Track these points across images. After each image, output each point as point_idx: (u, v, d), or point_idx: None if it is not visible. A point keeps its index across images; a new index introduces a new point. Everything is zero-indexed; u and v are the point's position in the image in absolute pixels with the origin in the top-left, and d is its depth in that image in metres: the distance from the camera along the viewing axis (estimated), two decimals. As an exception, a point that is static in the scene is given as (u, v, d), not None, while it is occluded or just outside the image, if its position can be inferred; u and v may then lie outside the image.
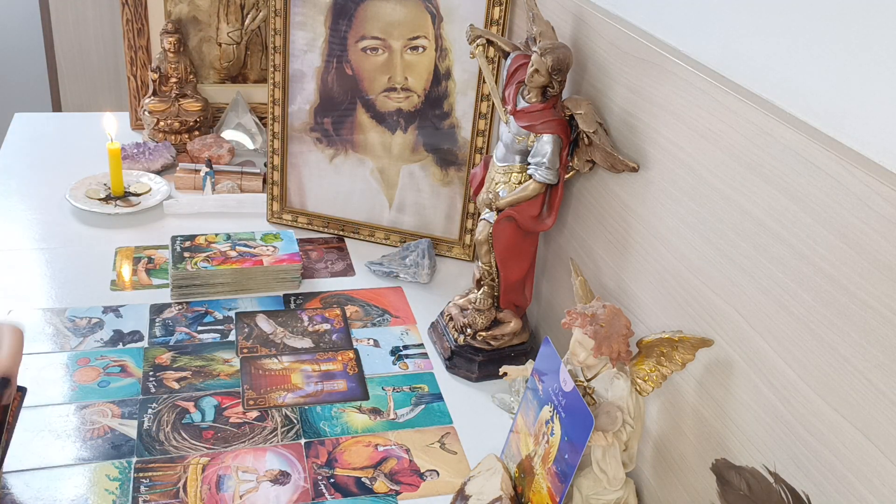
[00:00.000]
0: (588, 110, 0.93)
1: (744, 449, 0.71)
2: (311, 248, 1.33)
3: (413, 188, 1.32)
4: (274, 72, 1.29)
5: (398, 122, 1.29)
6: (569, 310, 0.77)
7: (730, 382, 0.72)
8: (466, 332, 1.08)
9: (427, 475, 0.92)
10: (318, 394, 1.02)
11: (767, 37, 0.68)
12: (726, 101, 0.71)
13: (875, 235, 0.55)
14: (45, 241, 1.27)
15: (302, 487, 0.89)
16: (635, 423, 0.77)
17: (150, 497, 0.85)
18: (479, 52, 1.02)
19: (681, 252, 0.80)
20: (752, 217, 0.68)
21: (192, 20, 1.57)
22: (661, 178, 0.83)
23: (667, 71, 0.80)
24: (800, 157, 0.62)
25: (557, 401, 0.77)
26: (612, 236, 0.94)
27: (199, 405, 0.99)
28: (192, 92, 1.58)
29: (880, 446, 0.56)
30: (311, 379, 1.04)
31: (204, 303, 1.17)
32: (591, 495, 0.79)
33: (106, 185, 1.40)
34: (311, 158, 1.34)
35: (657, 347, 0.76)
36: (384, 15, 1.23)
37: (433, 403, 1.03)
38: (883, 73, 0.57)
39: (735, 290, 0.71)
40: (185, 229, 1.30)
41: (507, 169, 1.00)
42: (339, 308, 1.19)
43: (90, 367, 1.02)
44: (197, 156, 1.51)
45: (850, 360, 0.58)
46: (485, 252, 1.04)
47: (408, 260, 1.26)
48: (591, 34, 0.97)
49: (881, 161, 0.57)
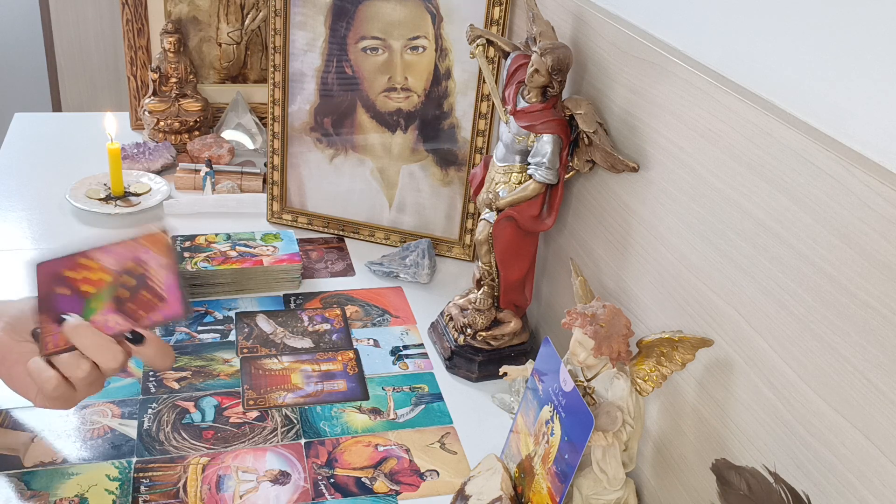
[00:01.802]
0: (588, 110, 0.93)
1: (744, 449, 0.71)
2: (311, 248, 1.33)
3: (413, 188, 1.32)
4: (274, 72, 1.29)
5: (398, 122, 1.29)
6: (569, 310, 0.77)
7: (730, 382, 0.72)
8: (466, 332, 1.08)
9: (427, 475, 0.92)
10: (318, 394, 1.02)
11: (768, 37, 0.68)
12: (726, 101, 0.71)
13: (875, 235, 0.55)
14: (45, 241, 1.27)
15: (302, 487, 0.89)
16: (635, 423, 0.77)
17: (150, 497, 0.85)
18: (479, 52, 1.02)
19: (681, 252, 0.80)
20: (752, 217, 0.68)
21: (192, 20, 1.57)
22: (661, 178, 0.83)
23: (667, 71, 0.80)
24: (800, 157, 0.62)
25: (557, 401, 0.78)
26: (612, 236, 0.94)
27: (199, 405, 0.99)
28: (192, 92, 1.58)
29: (880, 446, 0.56)
30: (311, 379, 1.04)
31: (204, 303, 1.17)
32: (591, 495, 0.79)
33: (106, 185, 1.40)
34: (311, 158, 1.34)
35: (657, 347, 0.76)
36: (384, 15, 1.23)
37: (433, 403, 1.03)
38: (883, 73, 0.57)
39: (735, 290, 0.71)
40: (185, 229, 1.30)
41: (507, 169, 1.00)
42: (340, 308, 1.19)
43: (90, 367, 1.02)
44: (197, 156, 1.51)
45: (850, 360, 0.58)
46: (485, 252, 1.04)
47: (408, 260, 1.26)
48: (591, 34, 0.97)
49: (881, 161, 0.57)
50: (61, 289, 0.75)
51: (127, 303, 0.76)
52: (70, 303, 0.75)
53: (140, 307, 0.75)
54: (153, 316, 0.76)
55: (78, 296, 0.75)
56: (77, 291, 0.75)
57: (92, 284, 0.76)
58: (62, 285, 0.75)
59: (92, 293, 0.75)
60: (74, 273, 0.75)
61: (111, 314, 0.75)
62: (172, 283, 0.76)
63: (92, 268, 0.76)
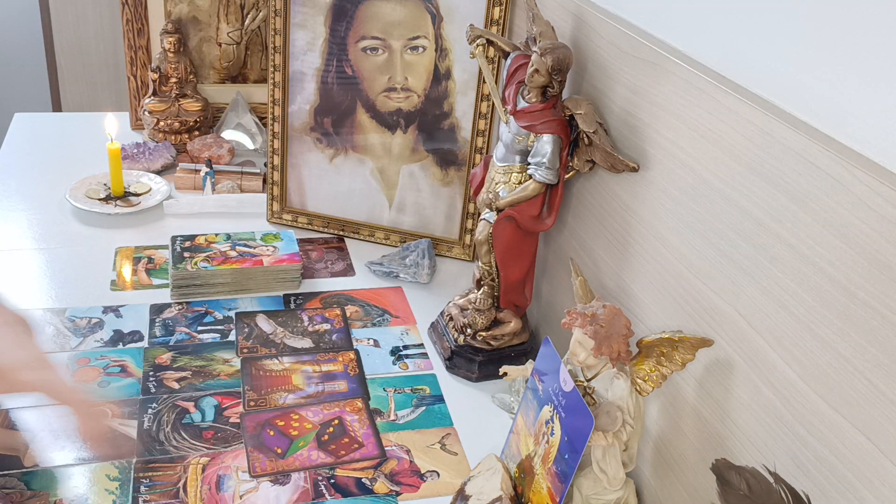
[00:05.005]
0: (588, 110, 0.93)
1: (744, 449, 0.71)
2: (311, 248, 1.33)
3: (413, 188, 1.32)
4: (274, 72, 1.29)
5: (398, 122, 1.29)
6: (569, 310, 0.77)
7: (730, 382, 0.72)
8: (466, 332, 1.08)
9: (427, 476, 0.92)
10: (319, 394, 1.02)
11: (768, 37, 0.68)
12: (726, 101, 0.71)
13: (875, 235, 0.55)
14: (45, 241, 1.27)
15: (302, 487, 0.89)
16: (635, 423, 0.77)
17: (150, 497, 0.85)
18: (479, 52, 1.02)
19: (681, 252, 0.80)
20: (752, 217, 0.68)
21: (192, 20, 1.57)
22: (661, 178, 0.83)
23: (667, 71, 0.80)
24: (800, 157, 0.62)
25: (557, 401, 0.77)
26: (612, 236, 0.94)
27: (200, 405, 0.99)
28: (192, 92, 1.58)
29: (880, 446, 0.56)
30: (311, 380, 1.04)
31: (204, 303, 1.17)
32: (591, 495, 0.79)
33: (106, 185, 1.40)
34: (311, 158, 1.34)
35: (657, 347, 0.76)
36: (384, 15, 1.23)
37: (434, 405, 1.03)
38: (883, 74, 0.57)
39: (735, 290, 0.71)
40: (185, 229, 1.30)
41: (507, 169, 1.00)
42: (339, 308, 1.19)
43: (90, 367, 1.02)
44: (197, 156, 1.51)
45: (850, 360, 0.58)
46: (485, 252, 1.04)
47: (408, 260, 1.26)
48: (591, 34, 0.97)
49: (881, 161, 0.57)
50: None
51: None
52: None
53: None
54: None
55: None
56: None
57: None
58: None
59: None
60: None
61: None
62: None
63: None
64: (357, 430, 0.96)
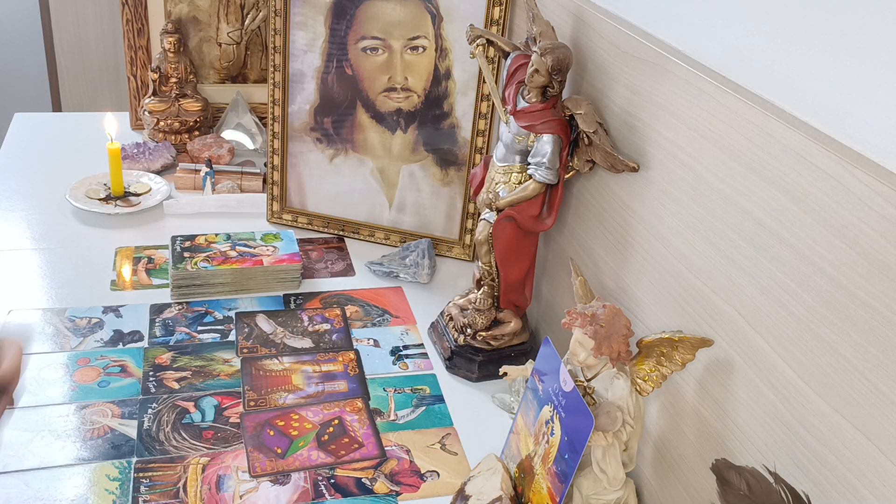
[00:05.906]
0: (588, 110, 0.93)
1: (744, 449, 0.71)
2: (311, 248, 1.33)
3: (413, 188, 1.32)
4: (274, 72, 1.29)
5: (398, 122, 1.29)
6: (569, 310, 0.77)
7: (730, 382, 0.72)
8: (466, 332, 1.08)
9: (427, 476, 0.92)
10: (319, 395, 1.02)
11: (768, 37, 0.68)
12: (726, 101, 0.71)
13: (875, 235, 0.55)
14: (45, 241, 1.27)
15: (302, 487, 0.89)
16: (635, 423, 0.77)
17: (150, 497, 0.85)
18: (479, 52, 1.02)
19: (681, 252, 0.80)
20: (752, 217, 0.68)
21: (192, 20, 1.57)
22: (661, 178, 0.83)
23: (667, 71, 0.80)
24: (800, 157, 0.62)
25: (557, 401, 0.77)
26: (612, 236, 0.94)
27: (199, 405, 0.99)
28: (192, 92, 1.58)
29: (880, 446, 0.56)
30: (311, 380, 1.04)
31: (204, 303, 1.17)
32: (591, 495, 0.79)
33: (106, 185, 1.40)
34: (311, 158, 1.34)
35: (657, 347, 0.76)
36: (384, 15, 1.23)
37: (434, 405, 1.03)
38: (883, 74, 0.57)
39: (735, 290, 0.71)
40: (185, 229, 1.30)
41: (507, 169, 1.00)
42: (339, 308, 1.19)
43: (90, 367, 1.02)
44: (197, 156, 1.51)
45: (850, 360, 0.58)
46: (485, 252, 1.04)
47: (408, 260, 1.26)
48: (591, 34, 0.97)
49: (881, 161, 0.57)
50: None
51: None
52: None
53: None
54: None
55: None
56: None
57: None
58: None
59: None
60: None
61: None
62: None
63: None
64: (357, 430, 0.96)
